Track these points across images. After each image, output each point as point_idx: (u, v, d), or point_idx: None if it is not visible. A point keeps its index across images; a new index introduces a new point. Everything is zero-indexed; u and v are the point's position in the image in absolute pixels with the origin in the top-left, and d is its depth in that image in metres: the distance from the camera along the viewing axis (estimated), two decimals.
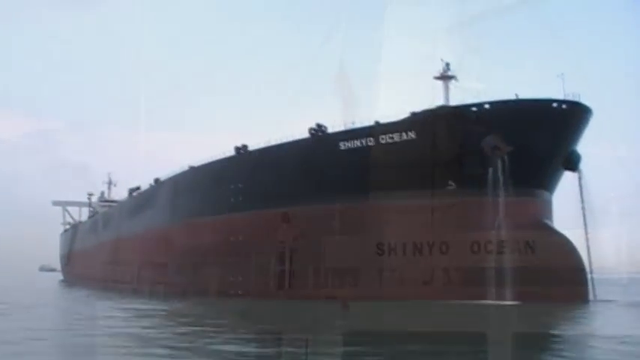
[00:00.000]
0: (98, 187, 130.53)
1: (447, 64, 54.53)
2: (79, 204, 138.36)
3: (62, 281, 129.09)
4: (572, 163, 48.92)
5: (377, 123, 48.77)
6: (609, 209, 51.93)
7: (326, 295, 46.22)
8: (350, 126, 50.26)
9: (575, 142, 48.74)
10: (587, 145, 49.82)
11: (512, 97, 46.47)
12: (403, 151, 46.99)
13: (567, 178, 50.02)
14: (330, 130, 52.05)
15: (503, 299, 42.86)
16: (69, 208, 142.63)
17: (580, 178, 49.36)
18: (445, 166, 46.24)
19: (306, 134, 52.65)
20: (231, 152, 59.53)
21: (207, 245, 60.27)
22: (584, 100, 47.32)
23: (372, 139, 48.27)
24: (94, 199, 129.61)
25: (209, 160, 62.64)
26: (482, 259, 44.29)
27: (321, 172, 50.50)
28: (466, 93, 50.07)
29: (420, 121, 46.89)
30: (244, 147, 58.08)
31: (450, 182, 46.93)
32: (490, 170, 45.12)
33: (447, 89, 54.36)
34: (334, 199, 48.91)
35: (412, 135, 46.99)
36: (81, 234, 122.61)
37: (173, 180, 71.12)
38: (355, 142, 49.10)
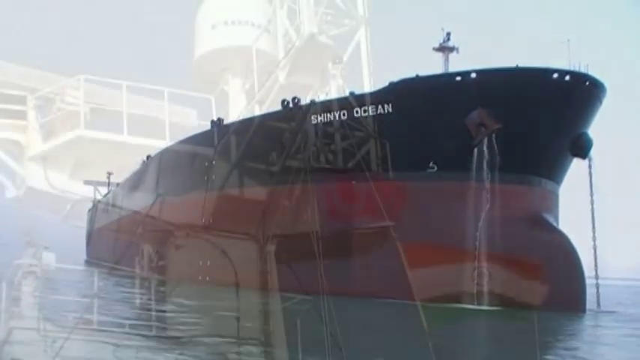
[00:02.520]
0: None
1: (448, 34, 48.03)
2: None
3: (85, 261, 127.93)
4: (580, 148, 40.90)
5: (351, 94, 42.72)
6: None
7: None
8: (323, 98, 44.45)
9: (584, 124, 40.96)
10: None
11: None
12: (378, 126, 40.85)
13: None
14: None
15: (482, 303, 36.84)
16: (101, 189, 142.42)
17: (590, 167, 41.81)
18: (425, 144, 39.84)
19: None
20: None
21: (179, 228, 55.86)
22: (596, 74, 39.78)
23: (344, 112, 42.16)
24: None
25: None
26: (461, 254, 37.57)
27: (290, 148, 44.93)
28: (468, 66, 43.46)
29: (398, 91, 40.43)
30: (220, 120, 53.05)
31: (431, 164, 40.42)
32: (475, 151, 38.45)
33: (446, 62, 47.76)
34: (299, 179, 43.37)
35: (389, 108, 40.64)
36: (99, 213, 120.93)
37: (159, 155, 67.00)
38: (327, 115, 43.10)
